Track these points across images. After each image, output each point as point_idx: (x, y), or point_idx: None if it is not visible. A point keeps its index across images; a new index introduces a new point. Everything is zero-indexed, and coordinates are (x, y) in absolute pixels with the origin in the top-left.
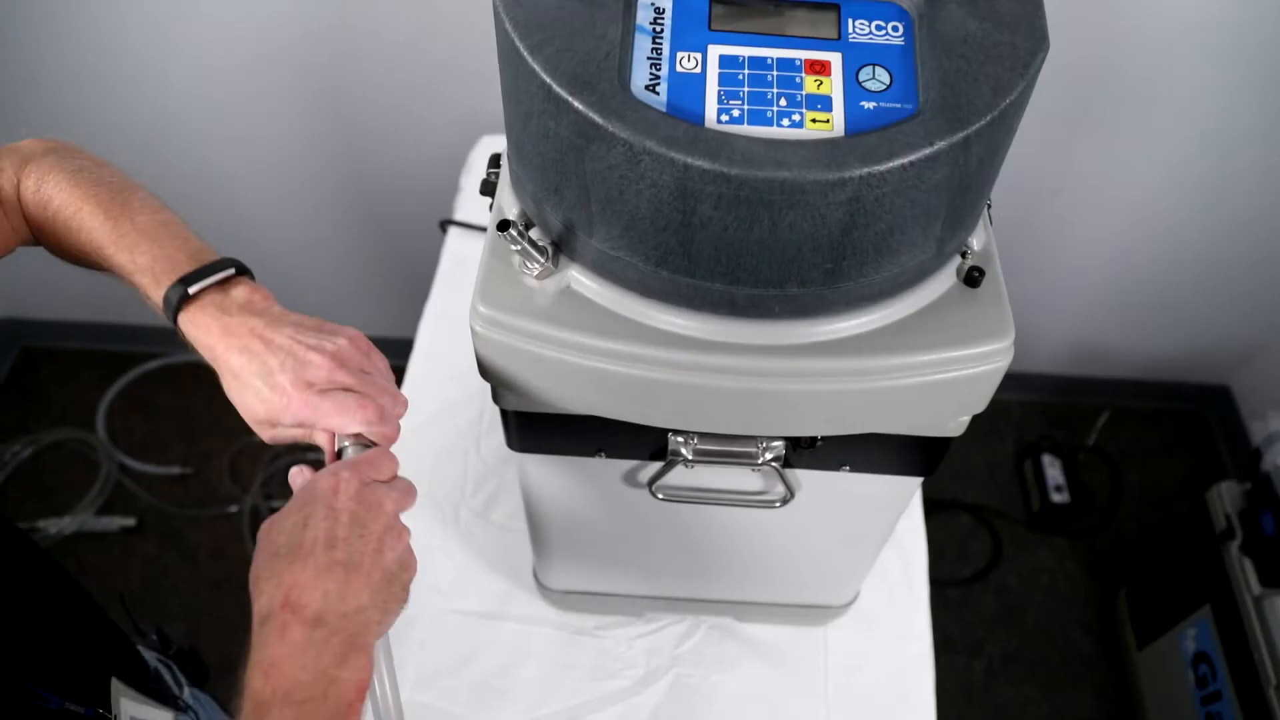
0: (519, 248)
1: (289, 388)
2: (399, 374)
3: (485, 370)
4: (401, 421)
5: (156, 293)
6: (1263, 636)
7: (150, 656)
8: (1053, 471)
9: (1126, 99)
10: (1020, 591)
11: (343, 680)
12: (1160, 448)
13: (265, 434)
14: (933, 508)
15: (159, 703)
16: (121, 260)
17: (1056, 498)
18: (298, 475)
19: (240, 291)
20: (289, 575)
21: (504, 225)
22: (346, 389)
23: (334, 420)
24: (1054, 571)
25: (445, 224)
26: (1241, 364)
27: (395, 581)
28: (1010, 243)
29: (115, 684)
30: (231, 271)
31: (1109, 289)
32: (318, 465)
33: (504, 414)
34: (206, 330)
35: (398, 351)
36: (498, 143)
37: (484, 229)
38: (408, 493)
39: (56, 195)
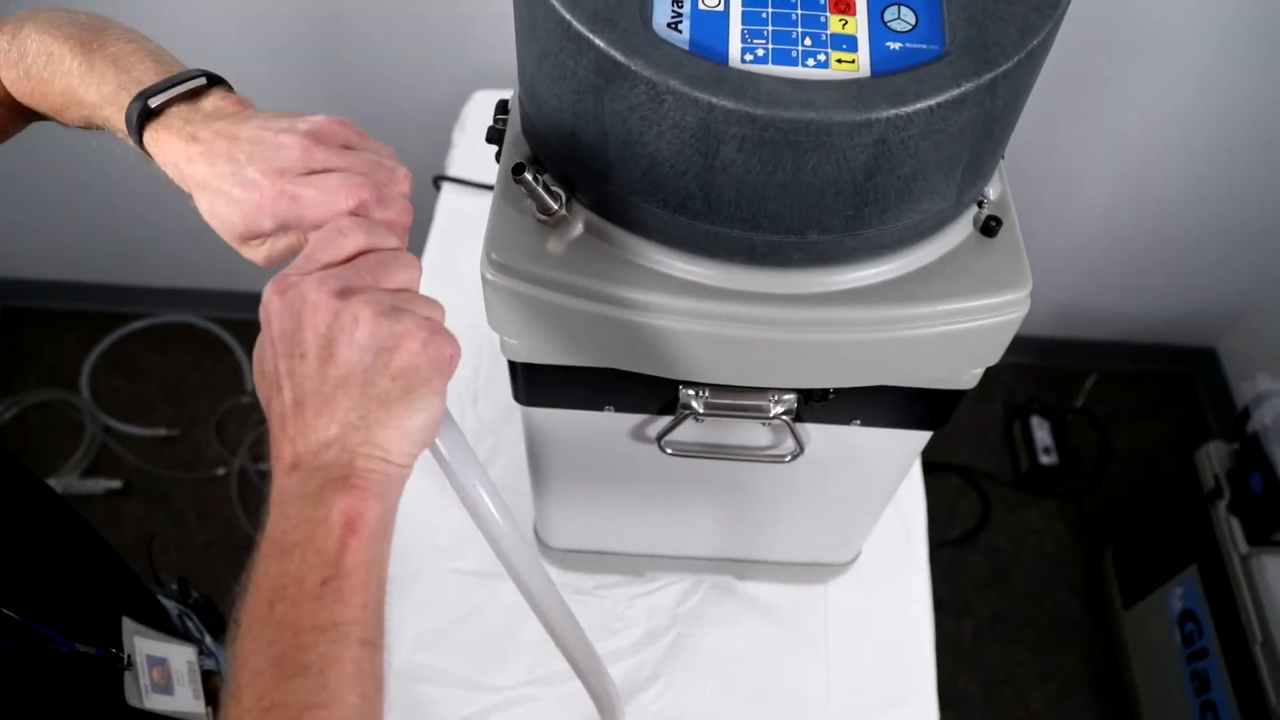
0: (532, 193)
1: (259, 179)
2: None
3: (495, 320)
4: None
5: (120, 118)
6: (1249, 594)
7: (172, 606)
8: (1041, 433)
9: (1121, 57)
10: (1009, 553)
11: (323, 520)
12: (1147, 409)
13: (253, 253)
14: (924, 469)
15: (180, 639)
16: (90, 95)
17: (1045, 459)
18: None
19: (210, 101)
20: (271, 421)
21: (519, 169)
22: (329, 170)
23: (318, 208)
24: (1042, 533)
25: (439, 180)
26: (1228, 326)
27: (392, 389)
28: None
29: (126, 622)
30: (201, 81)
31: (1098, 250)
32: None
33: (512, 366)
34: (169, 147)
35: None
36: (492, 97)
37: (479, 185)
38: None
39: (31, 43)
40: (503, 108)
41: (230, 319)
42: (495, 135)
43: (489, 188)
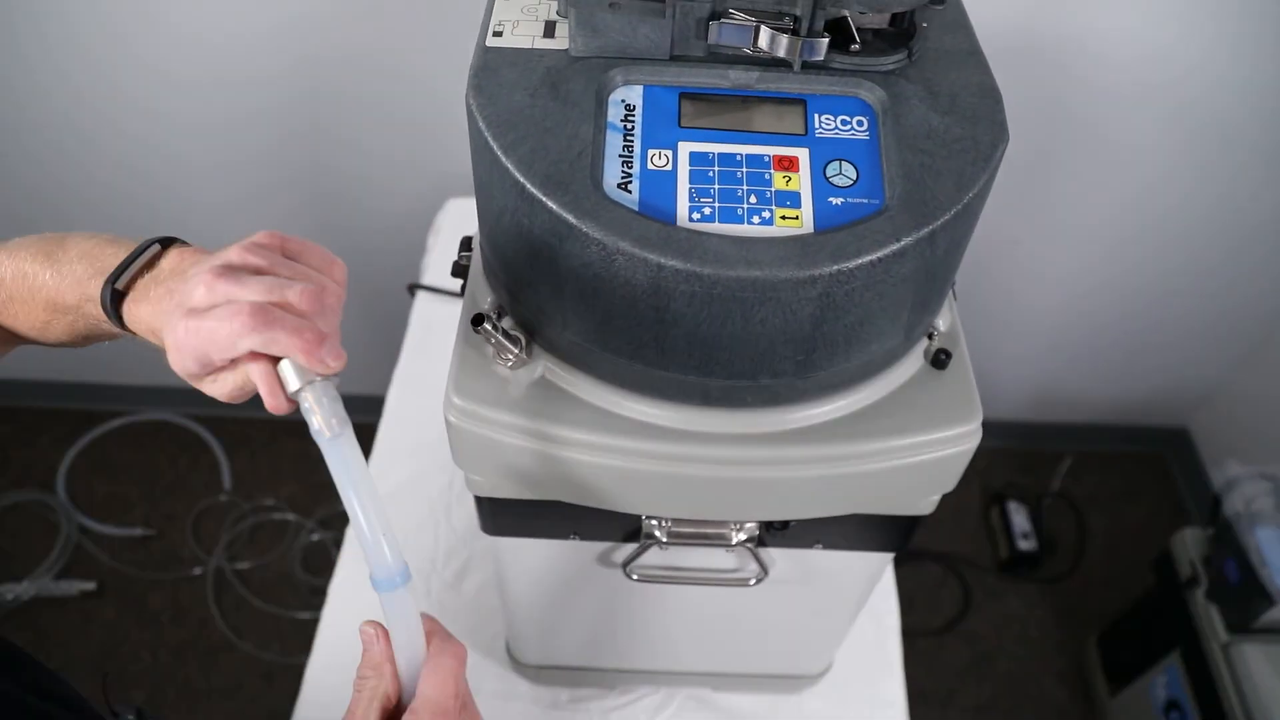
0: (492, 341)
1: (176, 321)
2: (368, 434)
3: (459, 458)
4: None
5: (100, 309)
6: (1231, 683)
7: None
8: (1019, 518)
9: (1082, 151)
10: (991, 640)
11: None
12: (1124, 492)
13: (211, 391)
14: (901, 558)
15: None
16: (69, 298)
17: (1023, 545)
18: (369, 636)
19: (167, 261)
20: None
21: (478, 320)
22: (230, 300)
23: (213, 341)
24: (1024, 619)
25: (413, 288)
26: (1199, 405)
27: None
28: (971, 291)
29: None
30: (156, 248)
31: (1068, 333)
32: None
33: (478, 500)
34: (138, 318)
35: (368, 409)
36: (464, 206)
37: (451, 293)
38: None
39: (4, 269)
40: (467, 244)
41: (207, 416)
42: (459, 270)
43: (460, 295)
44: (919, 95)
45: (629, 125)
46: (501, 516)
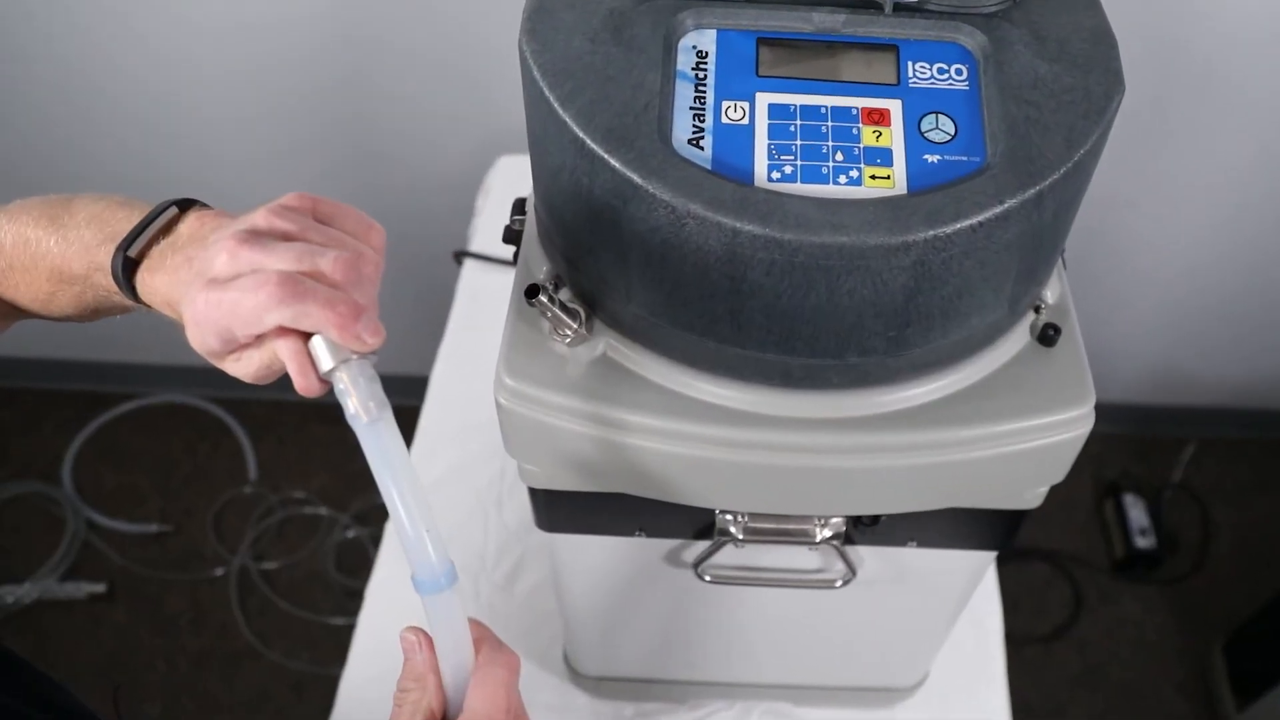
0: (548, 315)
1: (196, 293)
2: (410, 418)
3: (512, 445)
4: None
5: (111, 279)
6: None
7: None
8: (1135, 513)
9: (1205, 100)
10: (1105, 648)
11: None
12: (1252, 482)
13: (235, 372)
14: (1005, 556)
15: None
16: (76, 266)
17: (1141, 542)
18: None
19: (186, 226)
20: None
21: (532, 291)
22: (255, 269)
23: (236, 314)
24: (1141, 624)
25: (460, 255)
26: None
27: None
28: (1083, 259)
29: None
30: (174, 211)
31: (1191, 307)
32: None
33: (532, 492)
34: (154, 289)
35: (410, 390)
36: (517, 165)
37: (502, 261)
38: None
39: (5, 235)
40: (520, 207)
41: (230, 398)
42: (512, 236)
43: (513, 264)
44: (1024, 40)
45: (701, 74)
46: (558, 511)
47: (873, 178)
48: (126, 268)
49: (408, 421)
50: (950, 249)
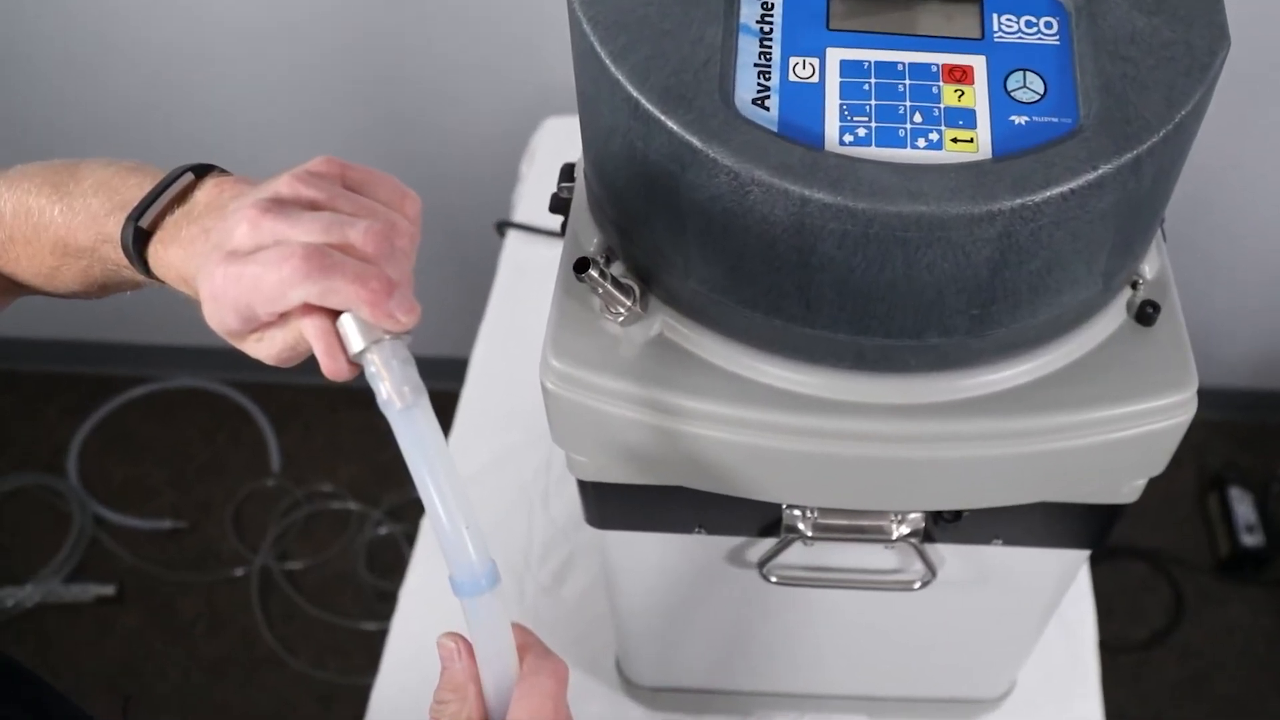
0: (599, 291)
1: (214, 267)
2: (448, 404)
3: (559, 434)
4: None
5: (121, 252)
6: None
7: None
8: (1242, 508)
9: None
10: (1208, 655)
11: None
12: None
13: (255, 353)
14: (1099, 556)
15: None
16: (82, 238)
17: (1248, 540)
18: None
19: (203, 194)
20: None
21: (581, 265)
22: (278, 241)
23: (258, 290)
24: (1249, 629)
25: (503, 226)
26: None
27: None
28: (1183, 230)
29: None
30: (189, 178)
31: None
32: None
33: (581, 485)
34: (168, 264)
35: (448, 373)
36: (565, 127)
37: (549, 233)
38: None
39: (5, 204)
40: (568, 173)
41: (250, 382)
42: (560, 205)
43: (560, 235)
44: None
45: (766, 27)
46: (610, 505)
47: (954, 141)
48: (137, 239)
49: (446, 408)
50: (1039, 219)
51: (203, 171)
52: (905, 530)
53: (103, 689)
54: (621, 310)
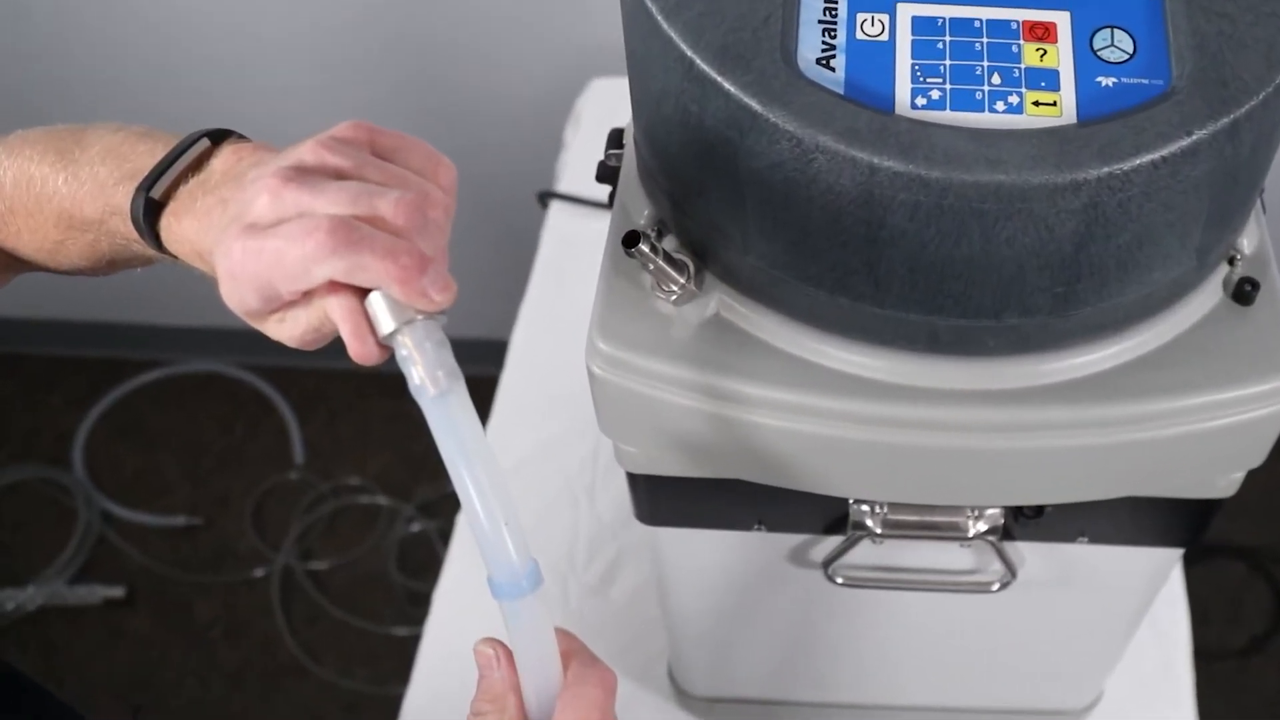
0: (650, 267)
1: (231, 241)
2: (486, 390)
3: (607, 423)
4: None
5: (131, 225)
6: None
7: None
8: None
9: None
10: None
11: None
12: None
13: (276, 334)
14: (1193, 555)
15: None
16: (88, 210)
17: None
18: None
19: (220, 161)
20: None
21: (631, 240)
22: (301, 213)
23: (279, 266)
24: None
25: (545, 197)
26: None
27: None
28: None
29: None
30: (205, 144)
31: None
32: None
33: (631, 478)
34: (183, 238)
35: (486, 356)
36: (613, 89)
37: (595, 204)
38: None
39: (5, 173)
40: (617, 140)
41: (271, 367)
42: (607, 174)
43: (608, 207)
44: None
45: None
46: (662, 500)
47: (1036, 104)
48: (148, 211)
49: (483, 394)
50: (1128, 189)
51: (219, 137)
52: (982, 527)
53: (111, 699)
54: (674, 288)
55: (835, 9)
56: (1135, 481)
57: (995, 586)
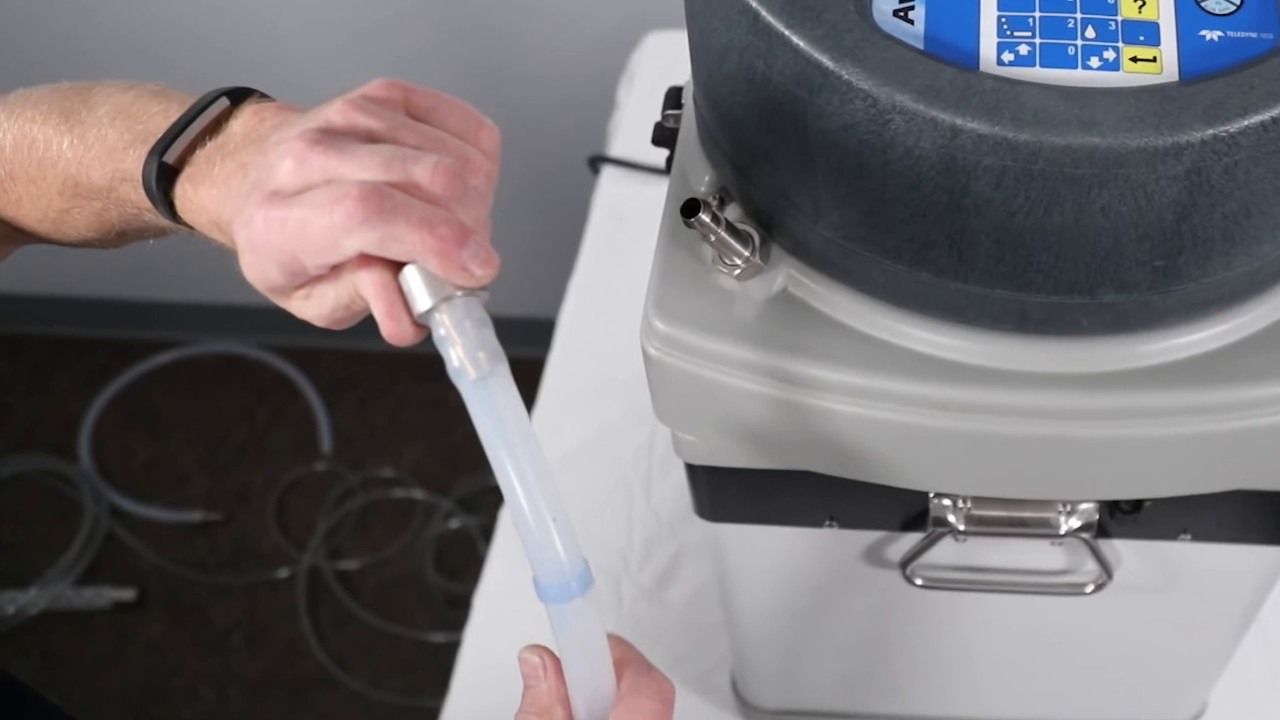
0: (712, 238)
1: (252, 210)
2: (532, 373)
3: (664, 409)
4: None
5: (142, 192)
6: None
7: None
8: None
9: None
10: None
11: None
12: None
13: (301, 312)
14: None
15: None
16: (96, 176)
17: None
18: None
19: (241, 123)
20: None
21: (690, 208)
22: (330, 180)
23: (304, 238)
24: None
25: (597, 162)
26: None
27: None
28: None
29: None
30: (224, 103)
31: None
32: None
33: (690, 470)
34: (200, 206)
35: (532, 336)
36: (671, 44)
37: (652, 169)
38: None
39: (4, 135)
40: (675, 99)
41: (296, 348)
42: (664, 136)
43: (665, 172)
44: None
45: None
46: (725, 494)
47: (1134, 60)
48: (162, 177)
49: (529, 377)
50: (1235, 153)
51: (239, 96)
52: (1075, 523)
53: (120, 712)
54: (738, 262)
55: None
56: (1243, 473)
57: (1089, 589)
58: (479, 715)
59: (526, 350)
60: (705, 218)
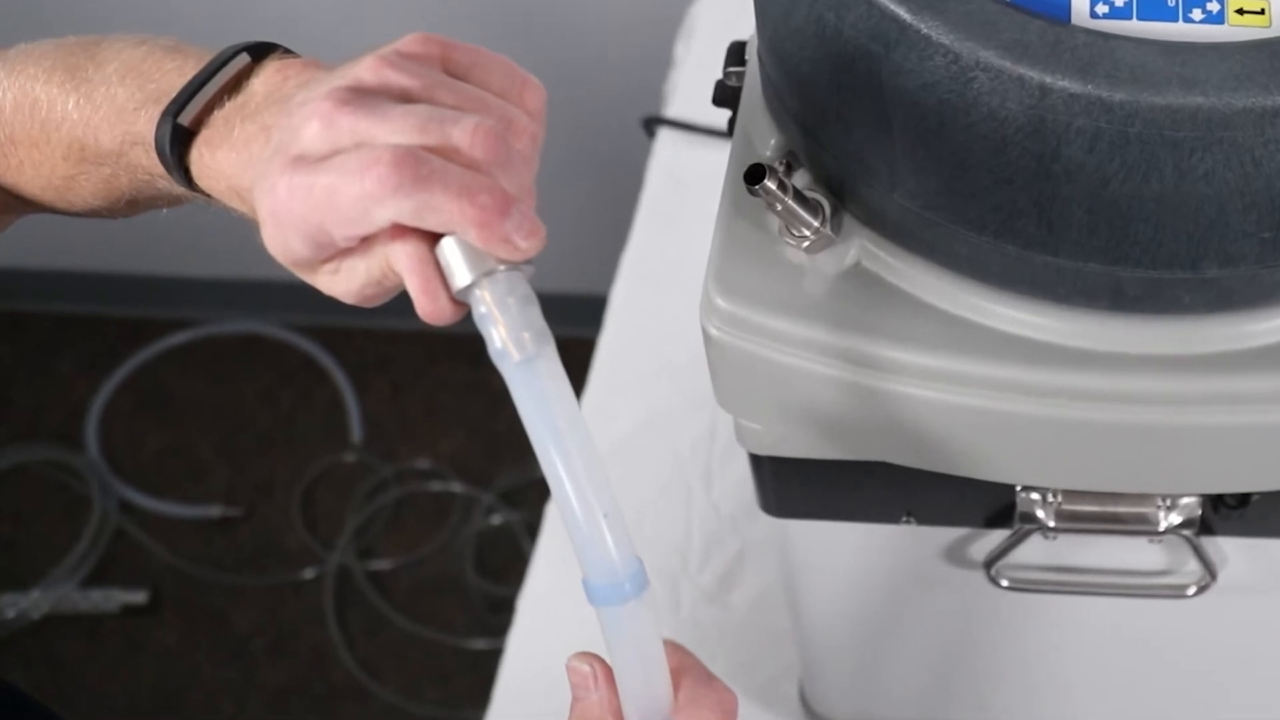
0: (778, 207)
1: (276, 176)
2: (582, 354)
3: (726, 395)
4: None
5: (155, 157)
6: None
7: None
8: None
9: None
10: None
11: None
12: None
13: (330, 287)
14: None
15: None
16: (105, 139)
17: None
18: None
19: (262, 81)
20: None
21: (755, 175)
22: (360, 143)
23: (332, 206)
24: None
25: (652, 124)
26: None
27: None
28: None
29: None
30: (244, 59)
31: None
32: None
33: (755, 461)
34: (217, 173)
35: (582, 315)
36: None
37: (712, 132)
38: None
39: (5, 95)
40: (738, 55)
41: (323, 327)
42: (726, 96)
43: (727, 135)
44: None
45: None
46: (792, 488)
47: (1240, 12)
48: (176, 140)
49: (579, 359)
50: None
51: (261, 52)
52: (1175, 519)
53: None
54: (807, 233)
55: None
56: None
57: (1191, 591)
58: None
59: (575, 330)
60: (771, 185)
